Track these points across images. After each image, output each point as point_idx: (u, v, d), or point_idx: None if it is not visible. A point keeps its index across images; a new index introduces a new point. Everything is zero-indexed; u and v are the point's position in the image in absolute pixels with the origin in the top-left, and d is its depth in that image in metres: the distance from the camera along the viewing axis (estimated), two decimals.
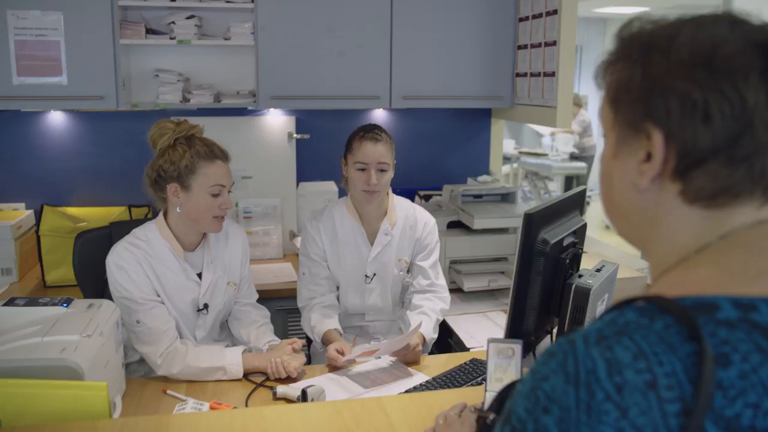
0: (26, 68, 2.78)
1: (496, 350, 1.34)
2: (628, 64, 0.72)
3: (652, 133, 0.69)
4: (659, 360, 0.60)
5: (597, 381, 0.60)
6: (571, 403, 0.61)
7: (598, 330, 0.64)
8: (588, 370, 0.61)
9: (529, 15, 3.06)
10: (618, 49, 0.74)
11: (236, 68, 3.22)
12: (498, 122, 3.65)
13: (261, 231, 3.28)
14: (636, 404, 0.58)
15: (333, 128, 3.41)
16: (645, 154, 0.70)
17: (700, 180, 0.67)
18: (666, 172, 0.69)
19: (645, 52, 0.70)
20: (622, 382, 0.59)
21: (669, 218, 0.71)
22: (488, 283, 2.85)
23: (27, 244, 2.98)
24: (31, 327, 1.66)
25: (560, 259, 1.69)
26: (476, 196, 3.13)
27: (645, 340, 0.61)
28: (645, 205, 0.73)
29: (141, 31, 2.89)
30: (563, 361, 0.63)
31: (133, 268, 1.98)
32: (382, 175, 2.25)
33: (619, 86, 0.73)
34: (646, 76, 0.69)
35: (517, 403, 0.66)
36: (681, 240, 0.71)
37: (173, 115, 3.15)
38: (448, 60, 3.14)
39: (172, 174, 2.02)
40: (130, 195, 3.17)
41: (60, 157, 3.18)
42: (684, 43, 0.68)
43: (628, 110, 0.71)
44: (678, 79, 0.67)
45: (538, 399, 0.63)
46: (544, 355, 0.66)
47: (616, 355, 0.61)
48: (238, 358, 1.98)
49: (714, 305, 0.62)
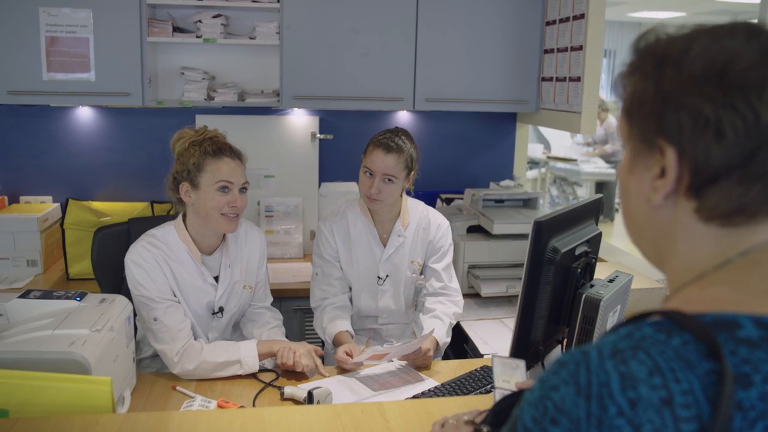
0: (56, 64, 2.84)
1: (501, 363, 1.33)
2: (642, 78, 0.70)
3: (666, 149, 0.67)
4: (676, 377, 0.58)
5: (610, 395, 0.59)
6: (581, 416, 0.59)
7: (613, 343, 0.62)
8: (601, 383, 0.59)
9: (556, 19, 3.02)
10: (634, 60, 0.73)
11: (261, 67, 3.24)
12: (523, 126, 3.61)
13: (282, 230, 3.29)
14: (650, 421, 0.57)
15: (356, 129, 3.42)
16: (659, 170, 0.68)
17: (714, 198, 0.65)
18: (680, 189, 0.67)
19: (658, 66, 0.68)
20: (636, 398, 0.58)
21: (685, 235, 0.69)
22: (506, 289, 2.81)
23: (52, 236, 3.04)
24: (44, 320, 1.69)
25: (571, 268, 1.67)
26: (498, 201, 3.10)
27: (661, 355, 0.59)
28: (660, 220, 0.71)
29: (168, 30, 2.92)
30: (575, 371, 0.62)
31: (151, 266, 2.00)
32: (387, 185, 2.22)
33: (633, 99, 0.71)
34: (659, 90, 0.67)
35: (524, 411, 0.64)
36: (699, 256, 0.69)
37: (198, 113, 3.21)
38: (473, 63, 3.12)
39: (183, 174, 2.04)
40: (153, 191, 3.21)
41: (86, 152, 3.24)
42: (696, 56, 0.66)
43: (642, 125, 0.70)
44: (690, 94, 0.65)
45: (547, 409, 0.62)
46: (555, 365, 0.65)
47: (631, 369, 0.59)
48: (254, 350, 1.99)
49: (735, 323, 0.61)
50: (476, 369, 2.05)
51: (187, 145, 2.06)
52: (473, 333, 2.52)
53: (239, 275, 2.17)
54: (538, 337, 1.66)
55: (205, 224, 2.05)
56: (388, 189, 2.22)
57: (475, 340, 2.46)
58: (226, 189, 2.02)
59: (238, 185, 2.04)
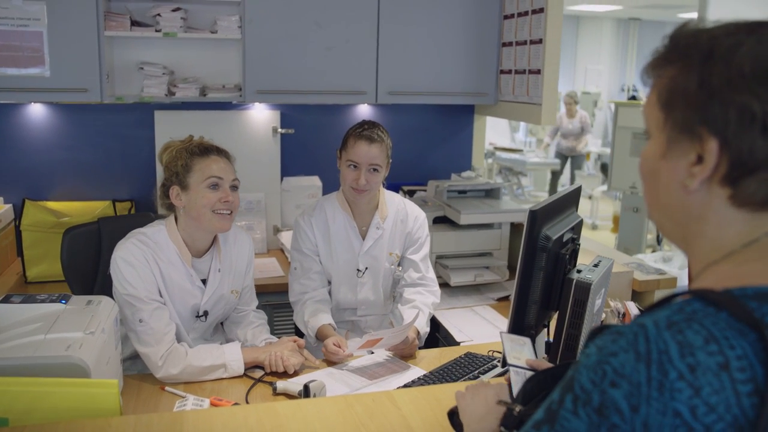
0: (6, 59, 2.71)
1: (510, 339, 1.38)
2: (685, 70, 0.74)
3: (707, 139, 0.72)
4: (731, 344, 0.64)
5: (670, 361, 0.64)
6: (642, 380, 0.65)
7: (667, 317, 0.68)
8: (660, 350, 0.65)
9: (514, 12, 3.09)
10: (671, 51, 0.77)
11: (222, 62, 3.19)
12: (480, 118, 3.69)
13: (245, 226, 3.26)
14: (709, 384, 0.63)
15: (318, 123, 3.42)
16: (696, 157, 0.73)
17: (751, 187, 0.71)
18: (716, 177, 0.72)
19: (704, 60, 0.72)
20: (695, 363, 0.64)
21: (715, 218, 0.75)
22: (474, 278, 2.88)
23: (5, 239, 2.92)
24: (32, 324, 1.63)
25: (560, 254, 1.73)
26: (461, 192, 3.16)
27: (715, 326, 0.65)
28: (692, 204, 0.76)
29: (126, 23, 2.84)
30: (634, 341, 0.67)
31: (141, 264, 1.95)
32: (373, 175, 2.26)
33: (673, 90, 0.75)
34: (705, 84, 0.72)
35: (581, 373, 0.69)
36: (728, 237, 0.74)
37: (157, 108, 3.13)
38: (434, 56, 3.16)
39: (172, 178, 2.02)
40: (113, 189, 3.14)
41: (40, 151, 3.12)
42: (746, 55, 0.70)
43: (683, 114, 0.74)
44: (738, 91, 0.70)
45: (606, 373, 0.67)
46: (611, 334, 0.70)
47: (687, 338, 0.65)
48: (238, 354, 1.98)
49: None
50: (460, 356, 2.10)
51: (175, 153, 2.02)
52: (446, 321, 2.58)
53: (227, 280, 2.15)
54: (531, 322, 1.72)
55: (198, 225, 2.02)
56: (374, 179, 2.26)
57: (449, 328, 2.51)
58: (216, 186, 2.00)
59: (228, 181, 2.03)
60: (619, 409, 0.65)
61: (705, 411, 0.62)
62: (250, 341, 2.17)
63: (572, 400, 0.69)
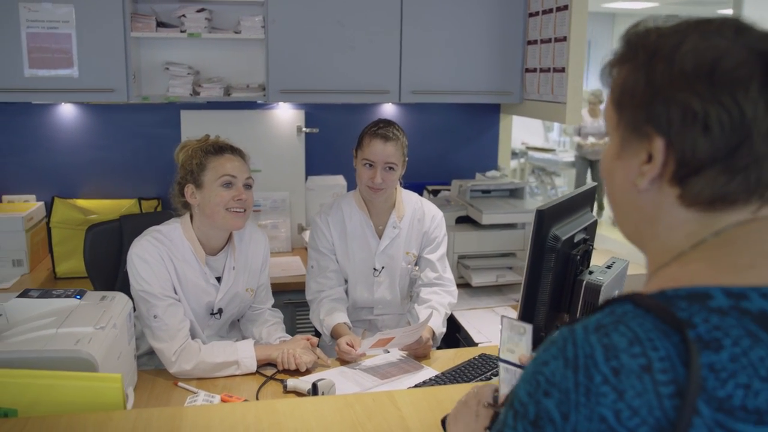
0: (38, 60, 2.79)
1: (510, 325, 1.34)
2: (633, 69, 0.74)
3: (654, 138, 0.71)
4: (654, 345, 0.63)
5: (595, 365, 0.63)
6: (570, 387, 0.64)
7: (597, 319, 0.67)
8: (586, 354, 0.64)
9: (539, 10, 3.05)
10: (624, 51, 0.76)
11: (246, 62, 3.22)
12: (507, 117, 3.65)
13: (269, 225, 3.29)
14: (632, 386, 0.62)
15: (342, 122, 3.42)
16: (647, 155, 0.72)
17: (698, 186, 0.70)
18: (665, 176, 0.72)
19: (650, 59, 0.72)
20: (619, 366, 0.62)
21: (667, 219, 0.74)
22: (496, 279, 2.85)
23: (37, 235, 2.99)
24: (46, 318, 1.68)
25: (571, 255, 1.69)
26: (485, 192, 3.13)
27: (641, 327, 0.64)
28: (644, 204, 0.75)
29: (152, 24, 2.89)
30: (563, 347, 0.66)
31: (156, 262, 1.99)
32: (389, 173, 2.25)
33: (623, 90, 0.75)
34: (650, 83, 0.71)
35: (520, 387, 0.69)
36: (677, 238, 0.73)
37: (183, 108, 3.18)
38: (458, 55, 3.14)
39: (187, 176, 2.04)
40: (139, 187, 3.19)
41: (70, 150, 3.20)
42: (687, 53, 0.69)
43: (632, 114, 0.73)
44: (680, 89, 0.68)
45: (539, 383, 0.66)
46: (546, 343, 0.69)
47: (613, 340, 0.64)
48: (251, 351, 1.99)
49: (707, 294, 0.65)
50: (474, 357, 2.08)
51: (190, 152, 2.05)
52: (465, 322, 2.56)
53: (242, 278, 2.17)
54: (540, 324, 1.69)
55: (212, 224, 2.05)
56: (390, 177, 2.25)
57: (468, 329, 2.49)
58: (229, 184, 2.02)
59: (242, 180, 2.04)
60: (552, 419, 0.64)
61: (629, 415, 0.61)
62: (264, 339, 2.18)
63: (513, 416, 0.69)
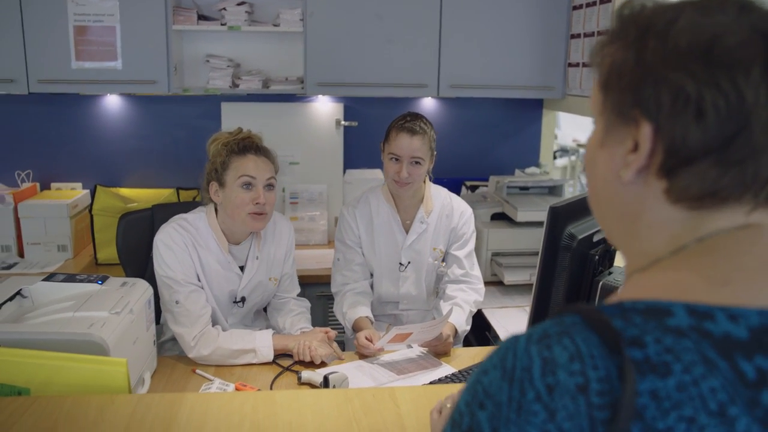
0: (84, 53, 2.88)
1: None
2: (622, 47, 0.66)
3: (642, 123, 0.63)
4: (595, 364, 0.56)
5: (530, 379, 0.57)
6: (503, 400, 0.58)
7: (545, 329, 0.60)
8: (524, 367, 0.58)
9: (583, 3, 2.96)
10: (615, 29, 0.68)
11: (285, 54, 3.25)
12: (549, 113, 3.57)
13: (307, 217, 3.31)
14: (564, 407, 0.55)
15: (381, 116, 3.39)
16: (632, 144, 0.65)
17: (686, 180, 0.62)
18: (652, 167, 0.64)
19: (641, 36, 0.64)
20: (555, 383, 0.56)
21: (650, 216, 0.66)
22: (529, 277, 2.79)
23: (82, 222, 3.10)
24: (66, 302, 1.73)
25: (589, 255, 1.64)
26: (522, 188, 3.07)
27: (585, 342, 0.57)
28: (628, 199, 0.67)
29: (193, 17, 2.95)
30: (504, 356, 0.60)
31: (180, 248, 2.03)
32: (415, 167, 2.22)
33: (611, 70, 0.67)
34: (640, 62, 0.63)
35: (462, 395, 0.63)
36: (658, 240, 0.66)
37: (223, 100, 3.23)
38: (498, 49, 3.08)
39: (212, 173, 2.07)
40: (178, 177, 3.26)
41: (114, 140, 3.29)
42: (683, 29, 0.62)
43: (618, 97, 0.66)
44: (672, 68, 0.61)
45: (477, 393, 0.61)
46: (494, 349, 0.63)
47: (553, 354, 0.57)
48: (269, 340, 2.01)
49: (667, 311, 0.58)
50: None
51: (220, 146, 2.07)
52: (495, 321, 2.51)
53: (266, 267, 2.18)
54: None
55: (234, 222, 2.07)
56: (417, 171, 2.22)
57: (497, 328, 2.45)
58: (249, 185, 2.02)
59: (262, 181, 2.04)
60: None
61: None
62: (287, 329, 2.19)
63: (450, 425, 0.63)
